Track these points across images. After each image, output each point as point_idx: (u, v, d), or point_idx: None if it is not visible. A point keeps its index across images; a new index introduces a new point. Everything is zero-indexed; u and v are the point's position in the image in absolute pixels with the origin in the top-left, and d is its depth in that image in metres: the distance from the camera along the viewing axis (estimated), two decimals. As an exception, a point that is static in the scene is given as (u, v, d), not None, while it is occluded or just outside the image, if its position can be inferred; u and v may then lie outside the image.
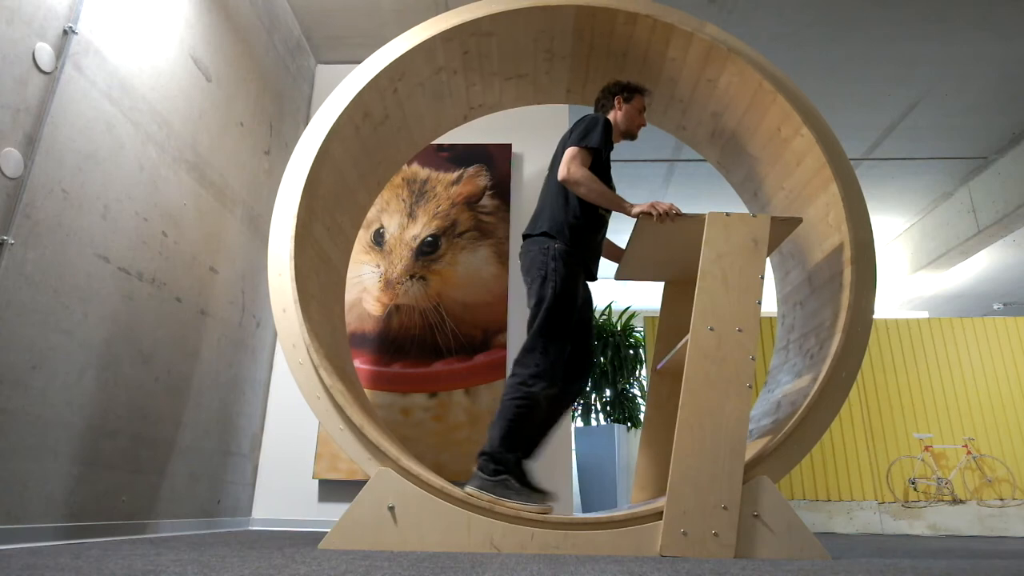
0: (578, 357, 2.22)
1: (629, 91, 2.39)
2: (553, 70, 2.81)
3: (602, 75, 2.76)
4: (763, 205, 2.66)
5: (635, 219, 2.07)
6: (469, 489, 1.91)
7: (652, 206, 2.03)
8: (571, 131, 2.25)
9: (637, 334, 5.28)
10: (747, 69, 2.38)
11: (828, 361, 2.00)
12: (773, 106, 2.37)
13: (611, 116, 2.37)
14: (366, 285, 3.30)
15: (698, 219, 1.99)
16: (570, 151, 2.15)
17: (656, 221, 2.02)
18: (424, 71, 2.61)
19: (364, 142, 2.63)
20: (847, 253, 2.12)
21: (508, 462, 1.97)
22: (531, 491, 1.94)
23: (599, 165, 2.20)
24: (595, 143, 2.15)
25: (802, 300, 2.44)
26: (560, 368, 2.08)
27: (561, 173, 2.14)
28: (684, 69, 2.58)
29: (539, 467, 2.73)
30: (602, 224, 2.27)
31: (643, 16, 2.46)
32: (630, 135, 2.40)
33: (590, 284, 2.32)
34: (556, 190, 2.22)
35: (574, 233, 2.15)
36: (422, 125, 2.88)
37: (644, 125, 2.42)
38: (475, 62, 2.69)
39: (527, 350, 2.08)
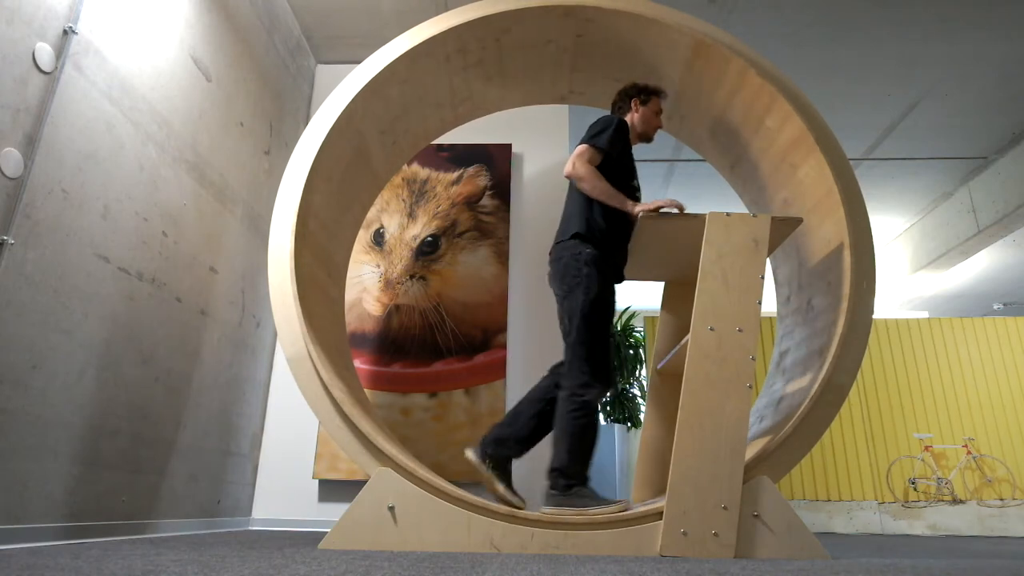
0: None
1: (646, 93, 2.40)
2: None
3: (699, 115, 2.71)
4: (793, 311, 2.59)
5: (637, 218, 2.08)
6: (546, 509, 1.90)
7: (654, 204, 2.04)
8: (587, 132, 2.26)
9: (637, 334, 5.28)
10: (827, 170, 2.24)
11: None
12: (834, 216, 2.23)
13: (628, 118, 2.37)
14: (366, 285, 3.30)
15: (698, 219, 1.99)
16: (578, 148, 2.18)
17: (658, 214, 2.02)
18: (533, 35, 2.60)
19: (452, 76, 2.67)
20: (826, 374, 2.00)
21: (578, 474, 1.97)
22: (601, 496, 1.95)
23: (609, 165, 2.20)
24: (603, 143, 2.16)
25: (791, 378, 2.38)
26: (607, 370, 2.07)
27: (566, 169, 2.17)
28: (775, 144, 2.48)
29: (539, 467, 2.73)
30: (631, 223, 2.27)
31: (754, 75, 2.36)
32: (646, 137, 2.40)
33: (619, 284, 2.32)
34: (580, 194, 2.23)
35: (604, 234, 2.15)
36: (517, 87, 2.88)
37: (660, 127, 2.42)
38: (586, 48, 2.66)
39: (575, 359, 2.06)
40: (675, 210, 2.02)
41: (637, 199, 2.28)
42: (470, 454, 2.09)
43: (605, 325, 2.11)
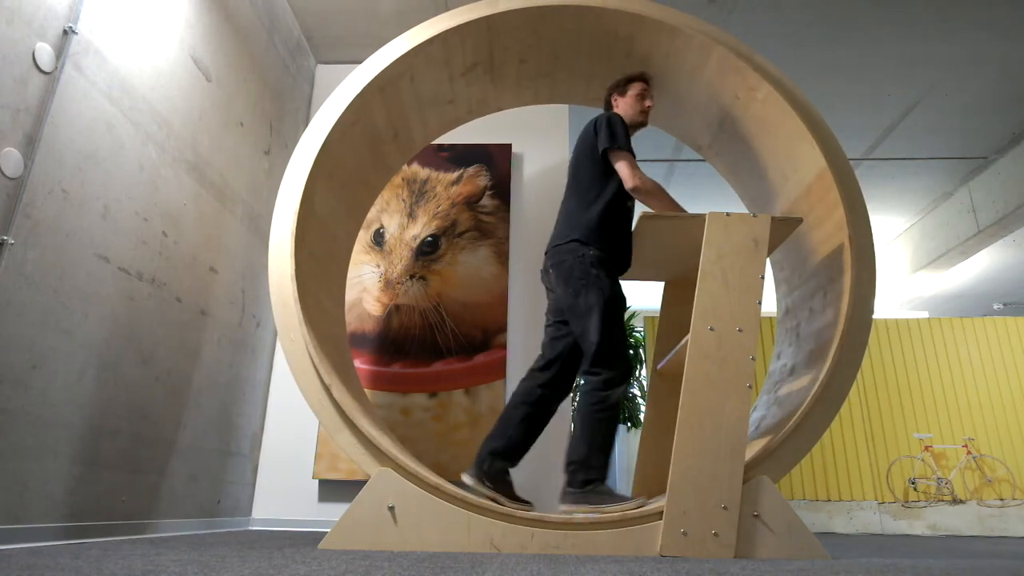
0: None
1: (622, 85, 2.40)
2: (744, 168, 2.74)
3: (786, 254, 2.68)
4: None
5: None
6: (564, 507, 1.90)
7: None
8: (595, 133, 2.24)
9: (637, 334, 5.28)
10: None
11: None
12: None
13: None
14: (366, 285, 3.30)
15: (698, 219, 1.99)
16: (623, 162, 2.15)
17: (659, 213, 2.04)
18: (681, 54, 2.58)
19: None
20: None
21: (595, 468, 1.96)
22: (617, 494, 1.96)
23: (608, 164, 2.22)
24: (624, 142, 2.17)
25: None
26: (629, 368, 2.07)
27: (630, 183, 2.13)
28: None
29: (540, 467, 2.74)
30: (630, 218, 2.27)
31: (846, 230, 2.17)
32: (637, 124, 2.37)
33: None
34: (579, 196, 2.22)
35: (605, 236, 2.14)
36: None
37: (650, 107, 2.38)
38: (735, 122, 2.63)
39: (597, 358, 2.03)
40: None
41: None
42: (467, 478, 2.06)
43: (622, 320, 2.12)
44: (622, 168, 2.15)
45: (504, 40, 2.62)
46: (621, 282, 2.33)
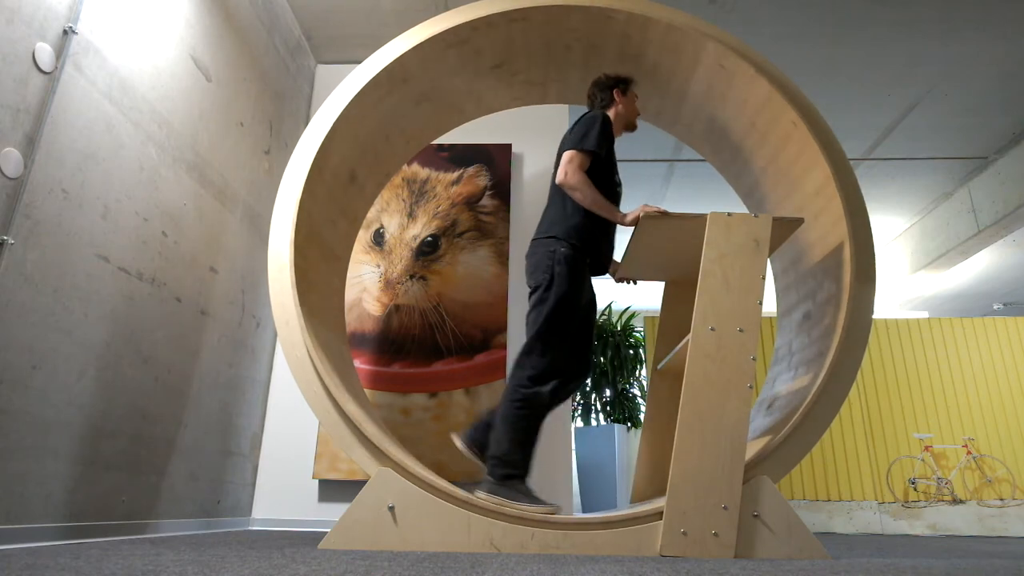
0: (579, 356, 2.23)
1: (624, 83, 2.40)
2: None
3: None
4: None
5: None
6: (479, 493, 1.92)
7: (643, 210, 2.03)
8: (571, 130, 2.24)
9: (637, 334, 5.27)
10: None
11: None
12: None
13: (612, 111, 2.37)
14: (366, 285, 3.30)
15: (699, 219, 1.99)
16: (568, 154, 2.14)
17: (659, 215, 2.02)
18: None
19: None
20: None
21: (516, 464, 1.98)
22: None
23: (599, 165, 2.20)
24: (592, 145, 2.14)
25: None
26: (560, 370, 2.08)
27: (559, 177, 2.15)
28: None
29: (539, 467, 2.73)
30: (611, 222, 2.27)
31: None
32: (631, 126, 2.41)
33: (598, 278, 2.34)
34: (559, 191, 2.23)
35: (580, 233, 2.15)
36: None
37: (640, 114, 2.43)
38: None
39: (526, 352, 2.09)
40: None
41: (619, 194, 2.31)
42: (457, 440, 2.13)
43: (568, 324, 2.11)
44: (563, 161, 2.14)
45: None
46: (605, 274, 2.33)
